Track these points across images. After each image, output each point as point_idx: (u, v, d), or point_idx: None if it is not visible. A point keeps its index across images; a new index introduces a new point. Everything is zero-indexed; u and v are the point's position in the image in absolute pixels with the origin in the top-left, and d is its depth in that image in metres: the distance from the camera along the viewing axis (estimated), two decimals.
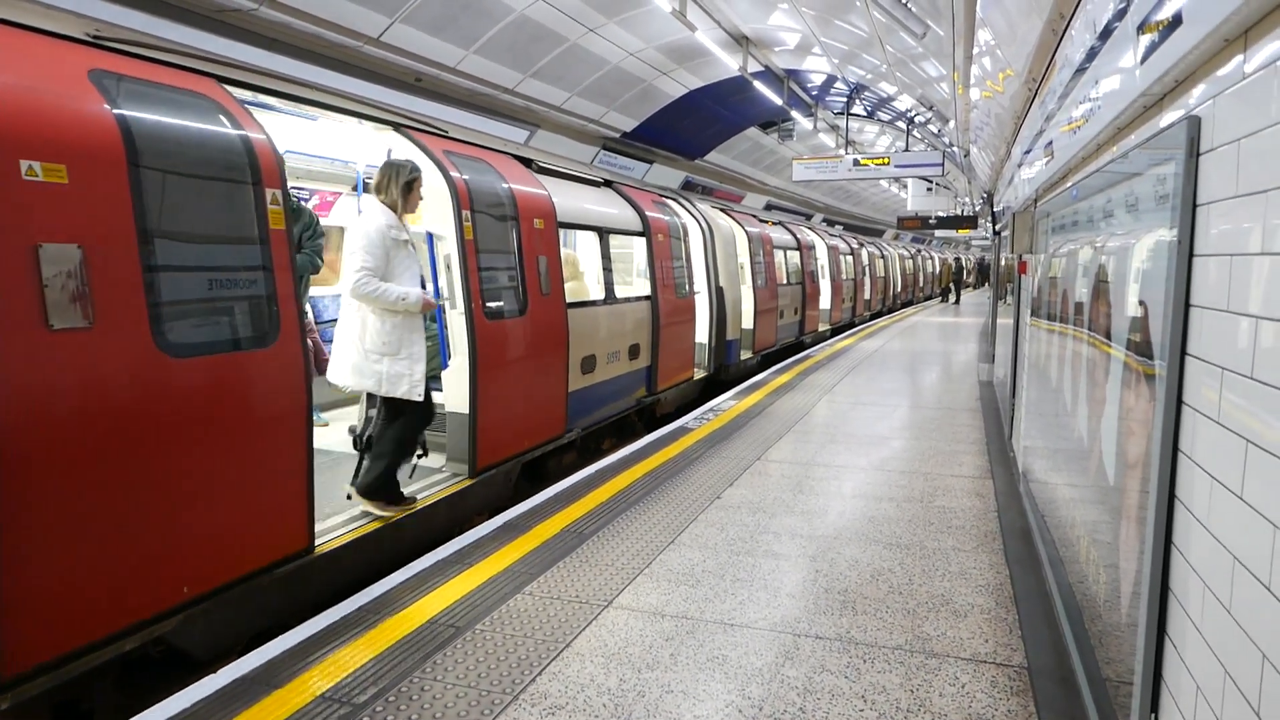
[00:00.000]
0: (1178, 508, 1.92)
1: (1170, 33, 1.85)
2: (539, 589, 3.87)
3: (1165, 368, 1.92)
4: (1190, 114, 1.87)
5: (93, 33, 3.63)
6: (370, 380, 4.33)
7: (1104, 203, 2.87)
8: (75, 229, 3.01)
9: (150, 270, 3.29)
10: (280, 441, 3.93)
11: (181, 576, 3.47)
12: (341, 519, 4.66)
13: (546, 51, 7.65)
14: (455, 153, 6.00)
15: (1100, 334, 2.84)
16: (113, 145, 3.19)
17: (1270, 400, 1.43)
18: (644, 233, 8.79)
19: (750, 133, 13.94)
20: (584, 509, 5.10)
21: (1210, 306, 1.73)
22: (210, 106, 3.77)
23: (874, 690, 2.98)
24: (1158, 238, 2.05)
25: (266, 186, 3.85)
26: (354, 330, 4.33)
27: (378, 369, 4.32)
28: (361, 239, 4.28)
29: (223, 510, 3.63)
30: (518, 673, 3.10)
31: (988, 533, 4.66)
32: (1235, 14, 1.50)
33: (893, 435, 7.32)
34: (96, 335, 3.07)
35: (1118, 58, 2.44)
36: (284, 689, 3.00)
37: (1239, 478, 1.56)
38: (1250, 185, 1.54)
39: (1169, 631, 1.97)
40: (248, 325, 3.77)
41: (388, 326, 4.31)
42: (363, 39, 5.71)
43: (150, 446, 3.29)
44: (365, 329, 4.30)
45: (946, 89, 9.28)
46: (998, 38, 4.84)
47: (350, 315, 4.35)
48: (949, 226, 20.34)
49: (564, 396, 6.83)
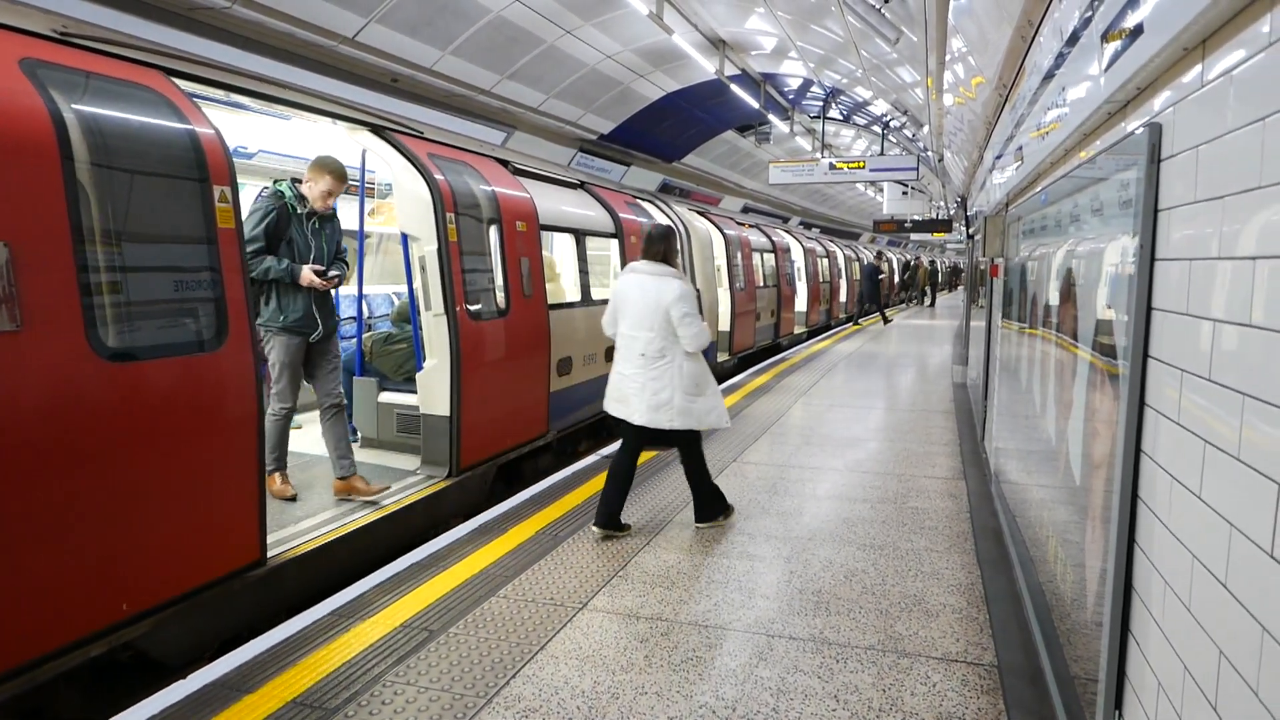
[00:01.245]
0: (1140, 508, 1.96)
1: (1133, 41, 1.89)
2: (514, 592, 3.86)
3: (1128, 370, 1.95)
4: (1152, 121, 1.90)
5: (59, 29, 3.57)
6: (694, 419, 4.59)
7: (1071, 207, 2.91)
8: (2, 226, 2.87)
9: (85, 270, 3.15)
10: (228, 451, 3.79)
11: (120, 593, 3.31)
12: (308, 524, 4.61)
13: (524, 53, 7.64)
14: (439, 155, 5.98)
15: (1068, 336, 2.88)
16: (44, 138, 3.04)
17: (1227, 402, 1.46)
18: (617, 234, 8.80)
19: (727, 136, 13.98)
20: (560, 511, 5.09)
21: (1171, 310, 1.77)
22: (154, 99, 3.64)
23: (847, 690, 3.00)
24: (1121, 242, 2.08)
25: (214, 184, 3.73)
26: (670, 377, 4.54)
27: (695, 407, 4.57)
28: None
29: (163, 523, 3.48)
30: (492, 676, 3.09)
31: (960, 533, 4.71)
32: (1194, 23, 1.53)
33: (868, 437, 7.38)
34: (26, 338, 2.93)
35: (1084, 65, 2.48)
36: (256, 694, 2.97)
37: (1198, 478, 1.59)
38: (1209, 191, 1.57)
39: (1132, 629, 2.01)
40: (193, 328, 3.64)
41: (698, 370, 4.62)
42: (338, 39, 5.67)
43: (84, 455, 3.14)
44: (681, 374, 4.54)
45: (920, 94, 9.37)
46: (969, 45, 4.90)
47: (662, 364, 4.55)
48: (924, 230, 20.52)
49: (546, 397, 6.83)
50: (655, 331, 4.49)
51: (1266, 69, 1.34)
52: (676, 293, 4.46)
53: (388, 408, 6.24)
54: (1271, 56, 1.31)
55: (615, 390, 4.70)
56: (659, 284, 4.52)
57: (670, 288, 4.48)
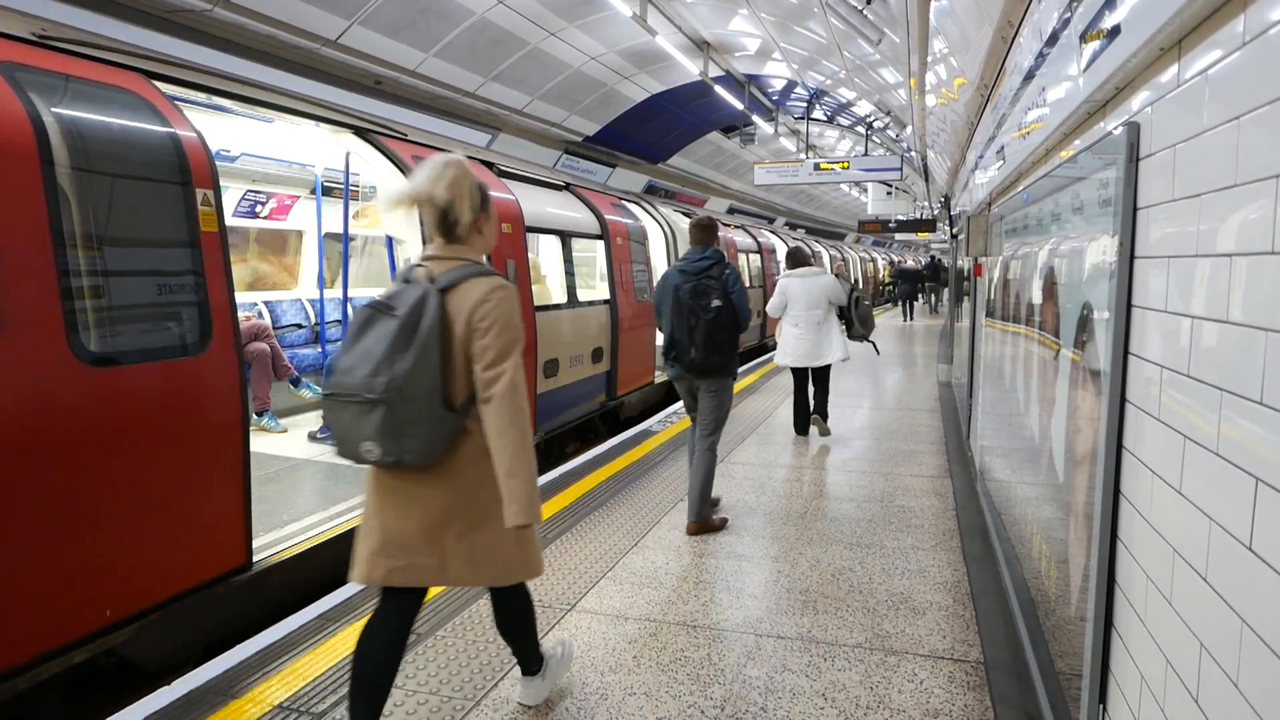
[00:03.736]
0: (1122, 503, 1.97)
1: (1110, 41, 1.91)
2: None
3: (1109, 367, 1.97)
4: (1130, 120, 1.92)
5: (39, 32, 3.54)
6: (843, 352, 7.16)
7: (1052, 206, 2.94)
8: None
9: (66, 274, 3.13)
10: (212, 456, 3.76)
11: (103, 599, 3.28)
12: (294, 528, 4.59)
13: (507, 55, 7.63)
14: (423, 158, 5.96)
15: (1050, 334, 2.91)
16: (23, 140, 3.03)
17: (1206, 398, 1.48)
18: (602, 236, 8.81)
19: (712, 137, 14.02)
20: (547, 513, 5.08)
21: (1151, 307, 1.79)
22: (135, 102, 3.63)
23: (834, 688, 3.01)
24: (1102, 240, 2.10)
25: (197, 187, 3.71)
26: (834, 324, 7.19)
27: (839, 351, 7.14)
28: None
29: (147, 527, 3.46)
30: (480, 678, 3.08)
31: (946, 531, 4.74)
32: (1169, 24, 1.54)
33: (854, 436, 7.41)
34: (5, 342, 2.91)
35: (1063, 65, 2.51)
36: (241, 699, 2.95)
37: (1178, 473, 1.60)
38: (1186, 189, 1.59)
39: (1116, 624, 2.02)
40: (176, 332, 3.62)
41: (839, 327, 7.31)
42: (320, 41, 5.65)
43: (66, 460, 3.12)
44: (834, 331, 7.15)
45: (904, 95, 9.43)
46: (951, 46, 4.94)
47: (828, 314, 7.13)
48: (908, 230, 20.64)
49: (532, 399, 6.82)
50: (820, 309, 7.04)
51: (1241, 68, 1.35)
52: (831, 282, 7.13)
53: None
54: (1246, 56, 1.33)
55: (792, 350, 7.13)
56: (818, 280, 7.13)
57: (826, 280, 7.14)
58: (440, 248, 2.45)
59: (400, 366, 2.21)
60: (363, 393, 2.21)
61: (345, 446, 2.30)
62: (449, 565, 2.37)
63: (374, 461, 2.28)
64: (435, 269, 2.40)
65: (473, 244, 2.49)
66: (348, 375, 2.26)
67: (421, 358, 2.23)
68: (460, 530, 2.36)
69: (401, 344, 2.23)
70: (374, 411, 2.21)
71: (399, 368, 2.21)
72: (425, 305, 2.27)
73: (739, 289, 4.53)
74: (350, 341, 2.31)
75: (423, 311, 2.26)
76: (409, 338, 2.24)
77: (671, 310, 4.58)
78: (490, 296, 2.31)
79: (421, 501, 2.35)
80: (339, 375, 2.28)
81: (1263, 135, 1.27)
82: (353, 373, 2.25)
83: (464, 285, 2.34)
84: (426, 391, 2.24)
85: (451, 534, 2.36)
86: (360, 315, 2.33)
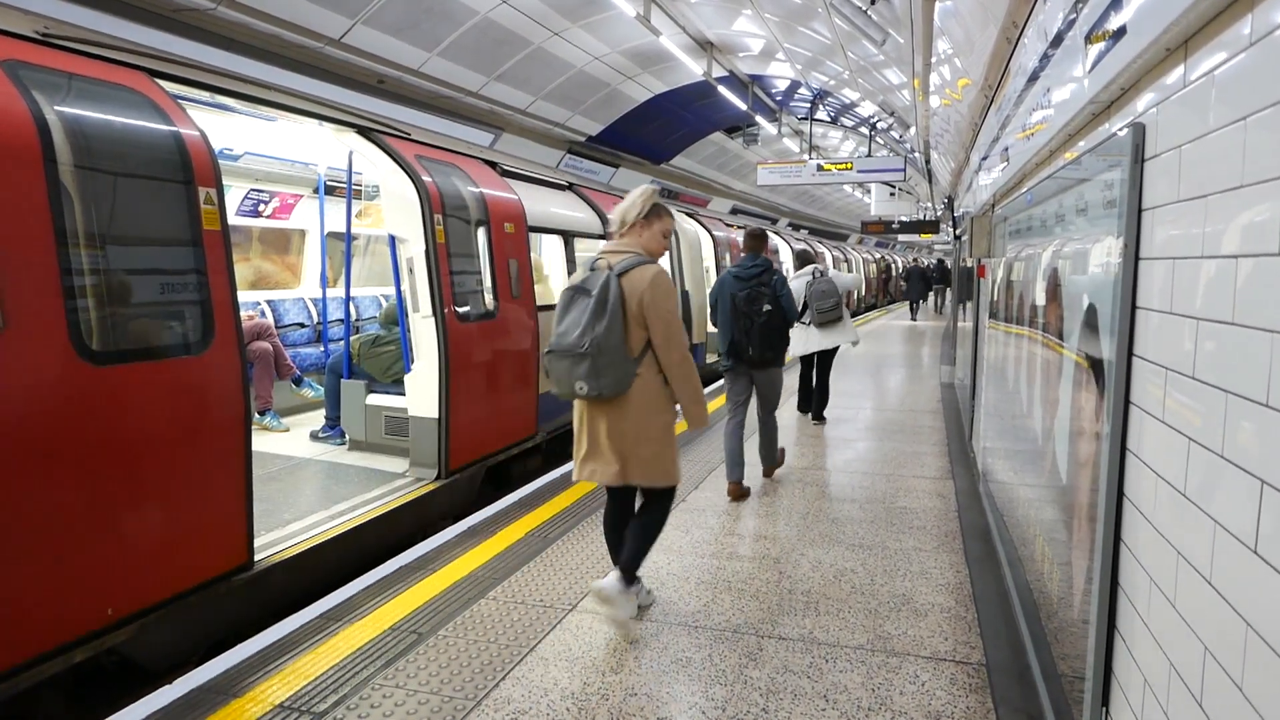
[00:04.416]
0: (1126, 505, 1.97)
1: (1116, 42, 1.90)
2: (503, 594, 3.85)
3: (1113, 369, 1.96)
4: (1135, 121, 1.92)
5: (42, 30, 3.55)
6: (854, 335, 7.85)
7: (1056, 208, 2.93)
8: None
9: (69, 273, 3.13)
10: (214, 454, 3.76)
11: (105, 597, 3.28)
12: (296, 527, 4.59)
13: (511, 55, 7.63)
14: (426, 157, 5.96)
15: (1053, 336, 2.90)
16: (27, 138, 3.03)
17: (1211, 400, 1.47)
18: (605, 236, 8.81)
19: (715, 137, 14.01)
20: (549, 513, 5.08)
21: (1155, 309, 1.78)
22: (138, 101, 3.63)
23: (836, 690, 3.01)
24: (1106, 241, 2.10)
25: (200, 185, 3.71)
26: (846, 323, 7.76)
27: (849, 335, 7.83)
28: None
29: (149, 526, 3.46)
30: (481, 678, 3.08)
31: (948, 533, 4.73)
32: (1175, 24, 1.54)
33: (856, 437, 7.40)
34: (8, 340, 2.91)
35: (1068, 66, 2.50)
36: (243, 698, 2.95)
37: (1183, 475, 1.60)
38: (1191, 190, 1.59)
39: (1119, 627, 2.02)
40: (178, 330, 3.62)
41: None
42: (324, 40, 5.65)
43: (68, 458, 3.11)
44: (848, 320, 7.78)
45: (907, 96, 9.41)
46: (955, 46, 4.93)
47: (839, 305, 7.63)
48: (911, 231, 20.63)
49: (535, 399, 6.82)
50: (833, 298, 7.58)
51: (1247, 69, 1.35)
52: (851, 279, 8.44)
53: (376, 410, 6.21)
54: (1252, 57, 1.32)
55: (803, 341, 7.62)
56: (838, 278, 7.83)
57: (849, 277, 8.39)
58: (615, 244, 3.45)
59: (598, 329, 3.20)
60: (575, 349, 3.22)
61: (563, 386, 3.32)
62: (626, 469, 3.35)
63: (583, 395, 3.28)
64: (612, 259, 3.36)
65: (639, 242, 3.44)
66: (564, 337, 3.27)
67: (610, 323, 3.21)
68: (633, 445, 3.33)
69: (597, 314, 3.22)
70: (583, 361, 3.21)
71: (597, 330, 3.20)
72: (609, 287, 3.24)
73: (786, 293, 5.35)
74: (561, 314, 3.35)
75: (608, 291, 3.23)
76: (602, 310, 3.22)
77: (730, 315, 5.32)
78: (656, 282, 3.29)
79: (610, 424, 3.33)
80: (558, 338, 3.30)
81: (1269, 137, 1.26)
82: (567, 335, 3.26)
83: (634, 271, 3.30)
84: (614, 345, 3.21)
85: (628, 447, 3.33)
86: (564, 296, 3.37)
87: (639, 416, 3.32)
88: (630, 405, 3.30)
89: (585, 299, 3.27)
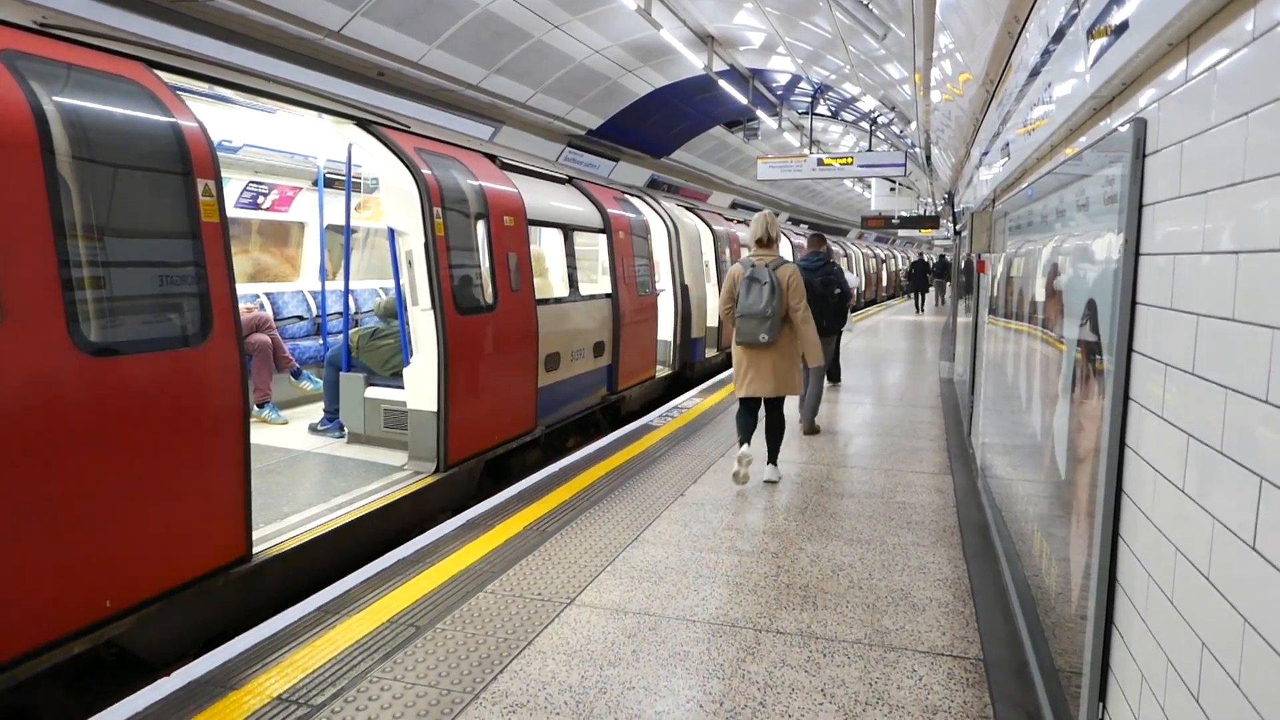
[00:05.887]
0: (1125, 501, 1.97)
1: (1118, 37, 1.90)
2: (501, 587, 3.85)
3: (1113, 364, 1.96)
4: (1137, 116, 1.91)
5: (40, 20, 3.53)
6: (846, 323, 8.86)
7: (1057, 203, 2.92)
8: None
9: (67, 264, 3.11)
10: (213, 447, 3.75)
11: (103, 589, 3.27)
12: (294, 520, 4.59)
13: (511, 48, 7.61)
14: (426, 150, 5.94)
15: (1053, 331, 2.90)
16: (24, 129, 3.01)
17: (1210, 395, 1.47)
18: (605, 229, 8.79)
19: (716, 131, 13.98)
20: (547, 507, 5.09)
21: (1155, 304, 1.78)
22: (136, 91, 3.60)
23: (833, 684, 3.01)
24: (1106, 237, 2.09)
25: (198, 177, 3.69)
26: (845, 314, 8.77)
27: None
28: None
29: (147, 518, 3.45)
30: (479, 671, 3.08)
31: (947, 528, 4.73)
32: (1178, 19, 1.53)
33: (855, 432, 7.40)
34: (6, 332, 2.89)
35: (1069, 62, 2.49)
36: (240, 690, 2.95)
37: (1181, 472, 1.60)
38: (1192, 186, 1.58)
39: (1116, 622, 2.02)
40: (176, 323, 3.60)
41: None
42: (323, 32, 5.64)
43: (66, 450, 3.11)
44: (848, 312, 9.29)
45: (908, 91, 9.40)
46: (957, 41, 4.91)
47: None
48: (912, 226, 20.60)
49: (534, 393, 6.82)
50: None
51: (1249, 65, 1.34)
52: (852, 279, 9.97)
53: (374, 403, 6.21)
54: (1254, 53, 1.32)
55: None
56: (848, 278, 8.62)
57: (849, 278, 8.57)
58: (762, 252, 5.46)
59: (773, 302, 5.18)
60: (763, 313, 5.19)
61: (749, 337, 5.26)
62: (774, 385, 5.34)
63: (761, 343, 5.24)
64: (765, 259, 5.36)
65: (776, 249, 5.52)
66: (753, 306, 5.22)
67: (775, 298, 5.19)
68: (779, 371, 5.33)
69: (770, 292, 5.19)
70: (765, 321, 5.20)
71: (772, 302, 5.18)
72: (774, 278, 5.21)
73: (843, 280, 7.59)
74: (745, 293, 5.27)
75: (773, 280, 5.21)
76: (774, 292, 5.19)
77: None
78: (793, 275, 5.31)
79: (768, 358, 5.32)
80: (747, 306, 5.24)
81: (1271, 132, 1.26)
82: (754, 305, 5.21)
83: (781, 267, 5.30)
84: (776, 311, 5.19)
85: (777, 372, 5.33)
86: (743, 283, 5.28)
87: (783, 356, 5.31)
88: (780, 350, 5.28)
89: (758, 285, 5.21)
